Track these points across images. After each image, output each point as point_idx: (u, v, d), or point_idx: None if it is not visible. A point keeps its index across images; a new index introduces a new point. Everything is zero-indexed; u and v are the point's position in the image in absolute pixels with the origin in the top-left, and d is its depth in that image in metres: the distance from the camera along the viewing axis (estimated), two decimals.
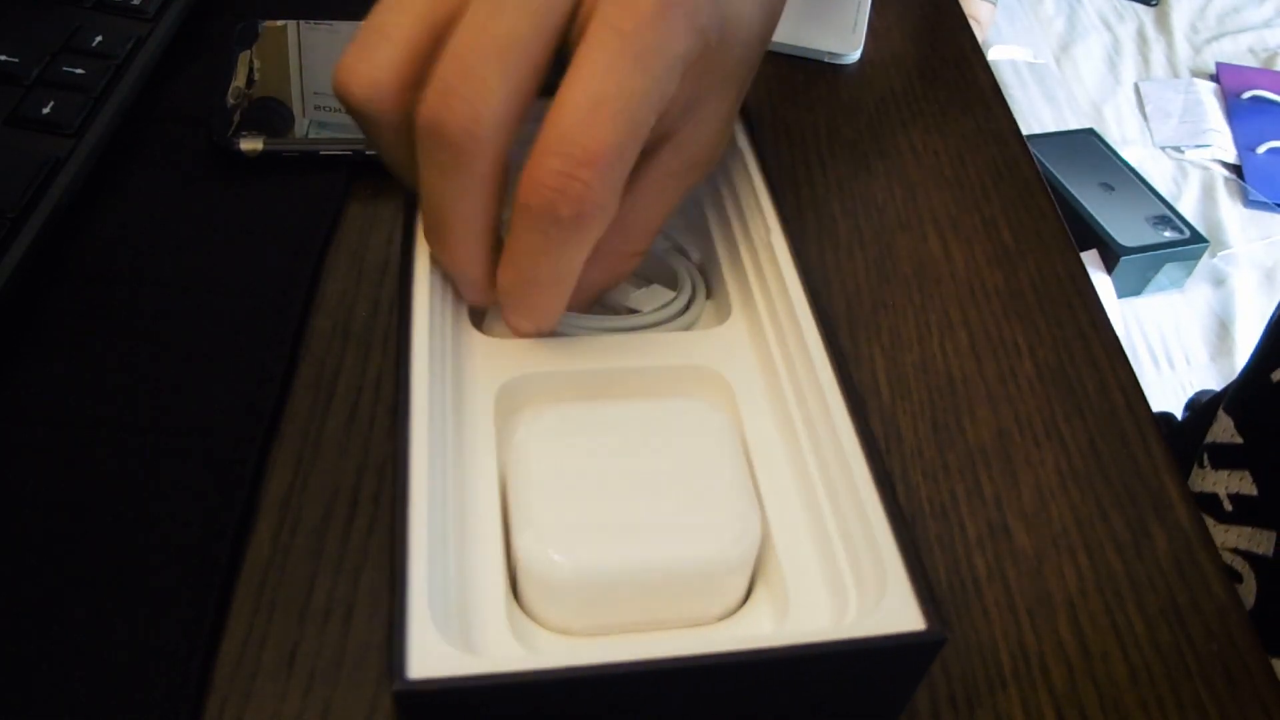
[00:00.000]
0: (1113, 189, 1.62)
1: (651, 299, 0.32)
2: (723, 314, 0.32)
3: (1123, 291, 1.57)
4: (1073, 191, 1.60)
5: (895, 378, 0.36)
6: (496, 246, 0.28)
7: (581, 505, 0.25)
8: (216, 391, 0.32)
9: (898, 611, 0.22)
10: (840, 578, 0.24)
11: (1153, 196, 1.63)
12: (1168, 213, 1.60)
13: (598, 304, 0.32)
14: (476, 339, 0.30)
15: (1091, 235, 1.56)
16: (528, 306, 0.28)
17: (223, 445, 0.31)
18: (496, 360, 0.29)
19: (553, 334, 0.30)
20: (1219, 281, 1.61)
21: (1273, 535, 0.45)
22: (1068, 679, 0.29)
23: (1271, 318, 0.56)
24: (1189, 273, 1.59)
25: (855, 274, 0.40)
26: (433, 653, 0.21)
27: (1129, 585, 0.31)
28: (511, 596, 0.25)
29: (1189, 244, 1.56)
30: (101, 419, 0.31)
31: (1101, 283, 1.54)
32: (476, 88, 0.24)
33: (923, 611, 0.22)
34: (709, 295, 0.33)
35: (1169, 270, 1.57)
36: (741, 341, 0.30)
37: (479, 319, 0.31)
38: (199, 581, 0.28)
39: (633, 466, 0.26)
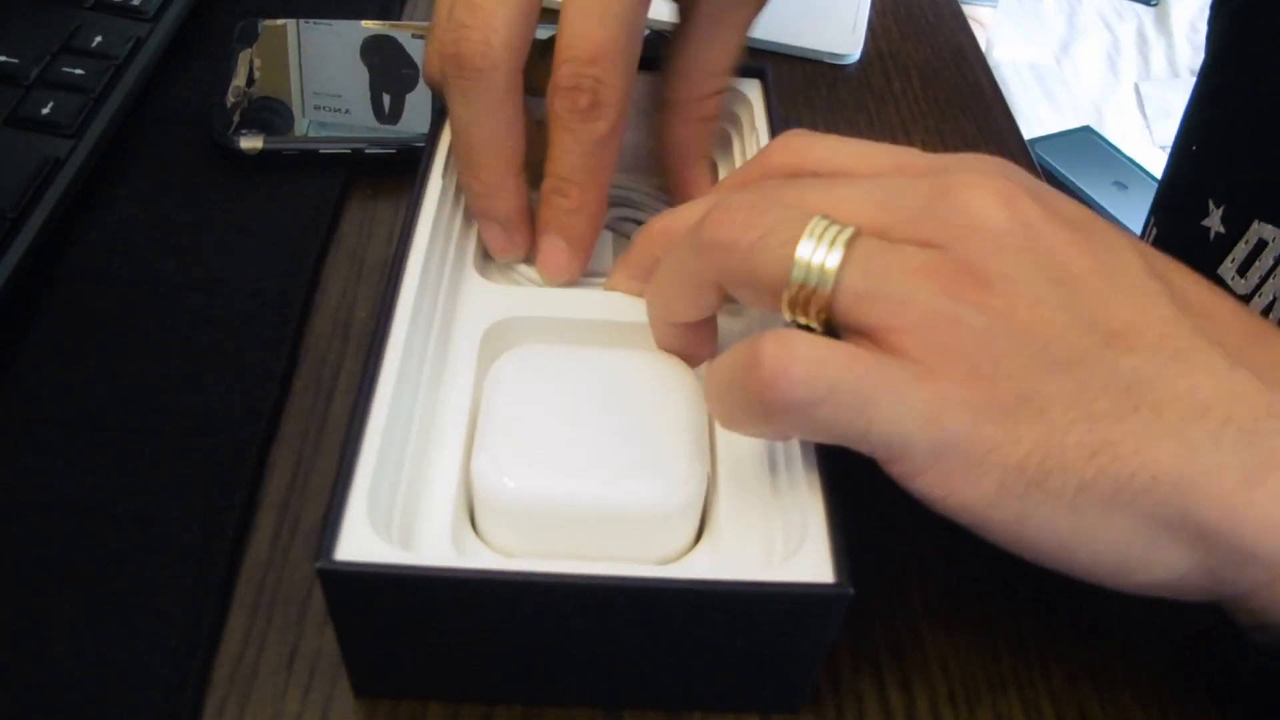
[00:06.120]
0: (1126, 187, 1.62)
1: None
2: None
3: None
4: (1090, 194, 1.59)
5: None
6: (529, 208, 0.32)
7: (540, 438, 0.26)
8: (216, 391, 0.32)
9: (808, 566, 0.23)
10: (772, 536, 0.26)
11: None
12: None
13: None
14: (475, 282, 0.31)
15: None
16: (566, 227, 0.31)
17: (223, 445, 0.31)
18: (491, 302, 0.31)
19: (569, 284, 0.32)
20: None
21: None
22: (1068, 679, 0.29)
23: None
24: None
25: None
26: (361, 541, 0.23)
27: None
28: (467, 519, 0.27)
29: None
30: (101, 419, 0.31)
31: None
32: (484, 19, 0.29)
33: (834, 567, 0.23)
34: None
35: None
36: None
37: (484, 266, 0.32)
38: (199, 581, 0.28)
39: (598, 409, 0.27)
